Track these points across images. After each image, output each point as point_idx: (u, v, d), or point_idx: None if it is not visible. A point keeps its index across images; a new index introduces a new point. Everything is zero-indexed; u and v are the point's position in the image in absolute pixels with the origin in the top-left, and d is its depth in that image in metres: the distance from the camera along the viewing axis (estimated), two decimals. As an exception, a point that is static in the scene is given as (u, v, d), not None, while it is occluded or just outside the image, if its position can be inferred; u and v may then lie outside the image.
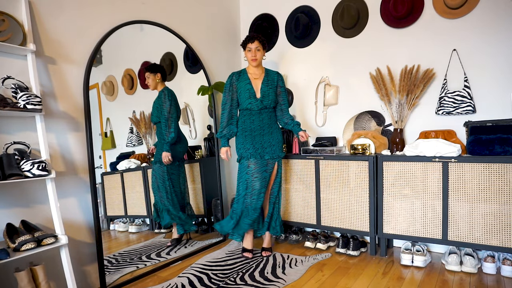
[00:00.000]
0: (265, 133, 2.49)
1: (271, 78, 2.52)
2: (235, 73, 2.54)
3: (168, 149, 2.54)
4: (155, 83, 2.55)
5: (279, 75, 2.57)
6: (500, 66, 2.30)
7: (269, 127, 2.50)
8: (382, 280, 2.09)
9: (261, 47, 2.46)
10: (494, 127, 2.21)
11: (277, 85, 2.54)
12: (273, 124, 2.53)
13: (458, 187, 2.17)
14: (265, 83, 2.49)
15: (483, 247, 2.12)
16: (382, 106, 2.74)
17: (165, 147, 2.54)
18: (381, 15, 2.71)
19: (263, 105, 2.46)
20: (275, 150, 2.51)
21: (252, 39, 2.43)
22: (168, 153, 2.54)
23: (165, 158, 2.53)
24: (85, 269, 2.06)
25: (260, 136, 2.48)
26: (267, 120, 2.50)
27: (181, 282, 2.10)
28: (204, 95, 2.92)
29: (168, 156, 2.54)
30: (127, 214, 2.56)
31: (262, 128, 2.48)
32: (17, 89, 1.66)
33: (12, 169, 1.55)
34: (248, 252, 2.53)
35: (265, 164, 2.48)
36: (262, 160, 2.47)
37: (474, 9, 2.35)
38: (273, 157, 2.50)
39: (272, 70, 2.58)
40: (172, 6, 2.73)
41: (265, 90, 2.47)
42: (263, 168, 2.46)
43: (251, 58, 2.45)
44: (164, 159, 2.53)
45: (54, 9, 1.93)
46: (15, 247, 1.53)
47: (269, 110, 2.51)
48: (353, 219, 2.55)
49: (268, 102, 2.47)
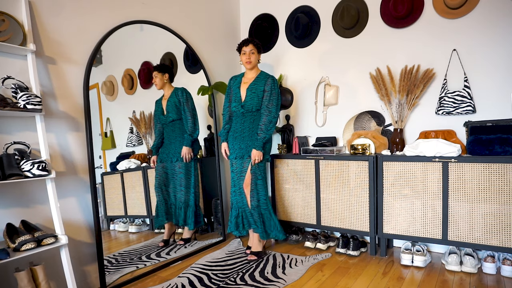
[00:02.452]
0: (245, 136, 2.50)
1: (258, 82, 2.49)
2: (233, 77, 2.64)
3: (190, 144, 2.62)
4: (163, 82, 2.59)
5: (268, 79, 2.48)
6: (500, 66, 2.30)
7: (249, 130, 2.49)
8: (382, 280, 2.09)
9: (256, 50, 2.49)
10: (494, 127, 2.21)
11: (264, 89, 2.47)
12: (255, 128, 2.49)
13: (458, 187, 2.17)
14: (250, 87, 2.50)
15: (483, 247, 2.12)
16: (382, 106, 2.74)
17: (188, 143, 2.62)
18: (381, 15, 2.71)
19: (244, 109, 2.49)
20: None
21: (247, 42, 2.47)
22: (190, 148, 2.63)
23: (188, 153, 2.62)
24: (85, 269, 2.06)
25: (241, 138, 2.51)
26: (248, 123, 2.50)
27: (181, 282, 2.10)
28: (204, 95, 2.92)
29: (191, 152, 2.63)
30: (127, 214, 2.56)
31: (243, 131, 2.51)
32: (17, 89, 1.66)
33: (12, 169, 1.55)
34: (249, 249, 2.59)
35: (245, 165, 2.50)
36: (242, 161, 2.51)
37: (474, 9, 2.35)
38: (249, 159, 2.48)
39: (266, 74, 2.52)
40: (172, 6, 2.73)
41: (248, 94, 2.49)
42: (243, 168, 2.51)
43: (245, 61, 2.48)
44: (187, 155, 2.61)
45: (54, 9, 1.93)
46: (15, 247, 1.53)
47: (253, 114, 2.49)
48: (353, 219, 2.55)
49: (250, 106, 2.47)
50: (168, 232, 2.67)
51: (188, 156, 2.63)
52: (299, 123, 3.19)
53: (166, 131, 2.65)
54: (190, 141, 2.63)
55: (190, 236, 2.77)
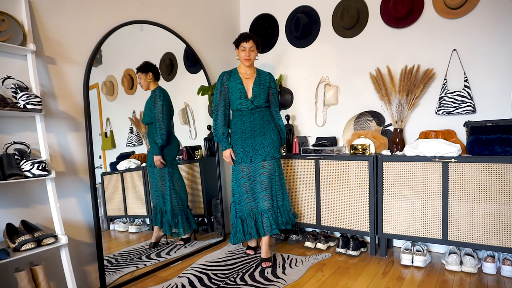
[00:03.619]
0: (257, 134, 2.39)
1: (263, 79, 2.45)
2: (225, 73, 2.44)
3: (158, 152, 2.46)
4: (147, 83, 2.47)
5: (271, 76, 2.51)
6: (500, 66, 2.30)
7: (261, 128, 2.40)
8: (382, 280, 2.09)
9: (255, 47, 2.40)
10: (494, 127, 2.21)
11: (269, 86, 2.47)
12: (266, 124, 2.42)
13: (458, 187, 2.17)
14: (257, 83, 2.42)
15: (483, 247, 2.12)
16: (382, 106, 2.74)
17: (156, 151, 2.47)
18: (381, 15, 2.71)
19: (254, 105, 2.37)
20: (270, 151, 2.39)
21: (247, 38, 2.36)
22: (159, 156, 2.47)
23: (156, 162, 2.47)
24: (85, 269, 2.06)
25: (252, 138, 2.38)
26: (258, 120, 2.40)
27: (181, 282, 2.10)
28: (204, 95, 2.92)
29: (160, 160, 2.48)
30: (127, 214, 2.56)
31: (253, 129, 2.39)
32: (17, 89, 1.66)
33: (12, 169, 1.55)
34: (251, 249, 2.60)
35: (260, 167, 2.39)
36: (255, 163, 2.39)
37: (474, 9, 2.35)
38: (266, 159, 2.39)
39: (264, 71, 2.51)
40: (172, 6, 2.73)
41: (256, 90, 2.39)
42: (258, 171, 2.39)
43: (244, 57, 2.37)
44: (156, 163, 2.48)
45: (54, 9, 1.93)
46: (15, 247, 1.53)
47: (261, 109, 2.42)
48: (353, 219, 2.55)
49: (260, 102, 2.40)
50: (156, 235, 2.57)
51: (158, 163, 2.48)
52: (299, 123, 3.19)
53: (148, 134, 2.55)
54: (157, 149, 2.47)
55: (189, 236, 2.77)
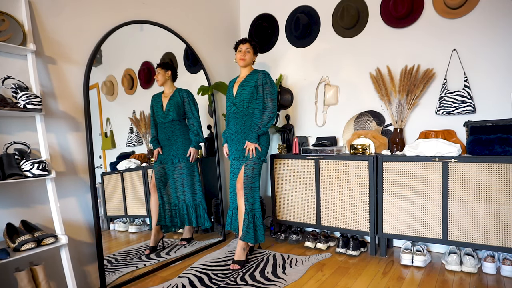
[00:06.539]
0: (239, 138, 2.45)
1: (249, 78, 2.44)
2: (232, 80, 2.62)
3: (198, 146, 2.73)
4: (165, 79, 2.59)
5: (261, 72, 2.43)
6: (501, 66, 2.30)
7: (241, 132, 2.43)
8: (382, 280, 2.09)
9: (252, 50, 2.48)
10: (494, 127, 2.21)
11: (255, 85, 2.40)
12: (247, 129, 2.41)
13: (458, 187, 2.17)
14: (241, 85, 2.46)
15: (483, 247, 2.12)
16: (382, 106, 2.74)
17: (196, 145, 2.71)
18: (381, 15, 2.71)
19: (236, 106, 2.45)
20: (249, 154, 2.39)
21: (244, 41, 2.48)
22: (197, 150, 2.72)
23: (195, 154, 2.70)
24: (85, 269, 2.06)
25: (236, 140, 2.46)
26: (240, 125, 2.43)
27: (181, 282, 2.10)
28: (204, 95, 2.92)
29: (197, 153, 2.71)
30: (127, 214, 2.56)
31: (236, 133, 2.46)
32: (17, 89, 1.66)
33: (12, 169, 1.55)
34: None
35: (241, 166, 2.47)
36: (239, 162, 2.50)
37: (474, 9, 2.35)
38: (245, 160, 2.41)
39: (258, 70, 2.48)
40: (172, 6, 2.73)
41: (238, 92, 2.45)
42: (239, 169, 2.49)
43: (239, 57, 2.46)
44: (194, 156, 2.69)
45: (54, 9, 1.93)
46: (15, 247, 1.53)
47: (244, 114, 2.42)
48: (353, 219, 2.55)
49: (240, 103, 2.41)
50: (154, 238, 2.55)
51: (195, 157, 2.68)
52: (299, 123, 3.19)
53: (164, 132, 2.61)
54: (198, 143, 2.70)
55: (191, 236, 2.77)
